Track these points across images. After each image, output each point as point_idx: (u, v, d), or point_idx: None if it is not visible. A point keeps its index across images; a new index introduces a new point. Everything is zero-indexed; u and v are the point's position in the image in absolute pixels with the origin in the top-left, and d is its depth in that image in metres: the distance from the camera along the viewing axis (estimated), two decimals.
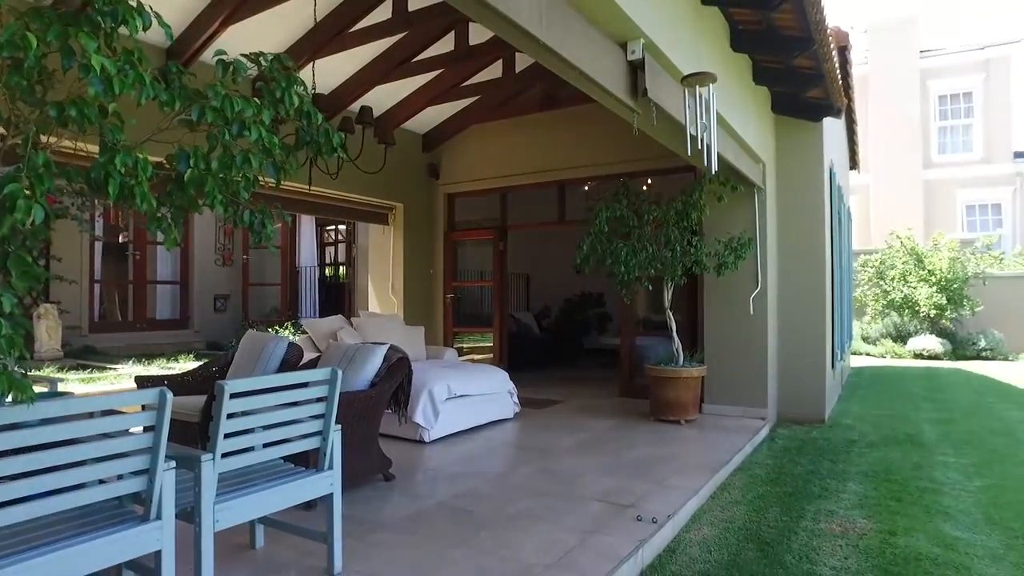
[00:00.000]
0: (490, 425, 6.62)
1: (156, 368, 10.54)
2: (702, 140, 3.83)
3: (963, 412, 8.02)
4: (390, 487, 4.66)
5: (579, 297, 13.35)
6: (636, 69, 3.79)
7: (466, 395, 6.25)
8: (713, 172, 3.79)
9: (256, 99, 2.18)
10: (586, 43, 3.45)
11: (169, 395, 2.23)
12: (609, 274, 6.54)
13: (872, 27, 20.33)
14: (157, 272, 13.82)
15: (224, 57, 2.13)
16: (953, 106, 19.69)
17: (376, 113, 8.40)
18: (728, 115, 5.36)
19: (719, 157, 5.43)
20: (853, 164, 12.83)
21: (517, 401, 7.04)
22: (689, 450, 5.80)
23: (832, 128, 8.22)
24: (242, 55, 2.23)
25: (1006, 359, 13.28)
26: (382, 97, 8.22)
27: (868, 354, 13.99)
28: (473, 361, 9.48)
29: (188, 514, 2.59)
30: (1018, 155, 19.00)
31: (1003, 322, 13.91)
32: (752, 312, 6.85)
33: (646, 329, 8.73)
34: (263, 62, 2.29)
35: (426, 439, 5.85)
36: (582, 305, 13.28)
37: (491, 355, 9.65)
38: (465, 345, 10.35)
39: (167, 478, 2.33)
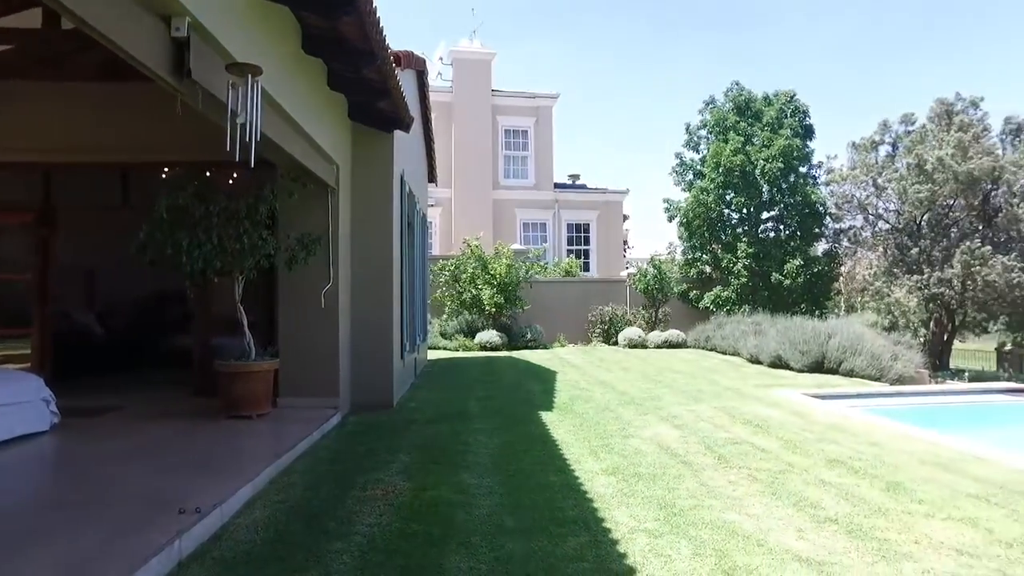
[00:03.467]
0: (16, 440, 5.58)
1: None
2: (250, 130, 3.90)
3: (503, 390, 9.68)
4: None
5: (158, 295, 12.09)
6: (182, 47, 3.68)
7: None
8: (251, 164, 3.86)
9: None
10: (114, 9, 3.22)
11: None
12: (174, 266, 6.14)
13: (456, 61, 23.10)
14: None
15: None
16: (515, 140, 23.63)
17: None
18: (297, 113, 5.55)
19: (287, 154, 5.64)
20: (432, 177, 14.38)
21: (56, 410, 6.08)
22: (255, 442, 5.81)
23: (406, 140, 9.10)
24: None
25: (545, 347, 16.47)
26: None
27: (445, 348, 15.81)
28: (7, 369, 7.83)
29: None
30: (557, 186, 23.80)
31: (544, 318, 17.23)
32: (324, 306, 7.18)
33: (229, 327, 8.40)
34: None
35: None
36: (161, 304, 12.06)
37: (31, 361, 8.12)
38: None
39: None
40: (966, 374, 14.21)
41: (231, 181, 7.63)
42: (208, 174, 7.82)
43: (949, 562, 3.46)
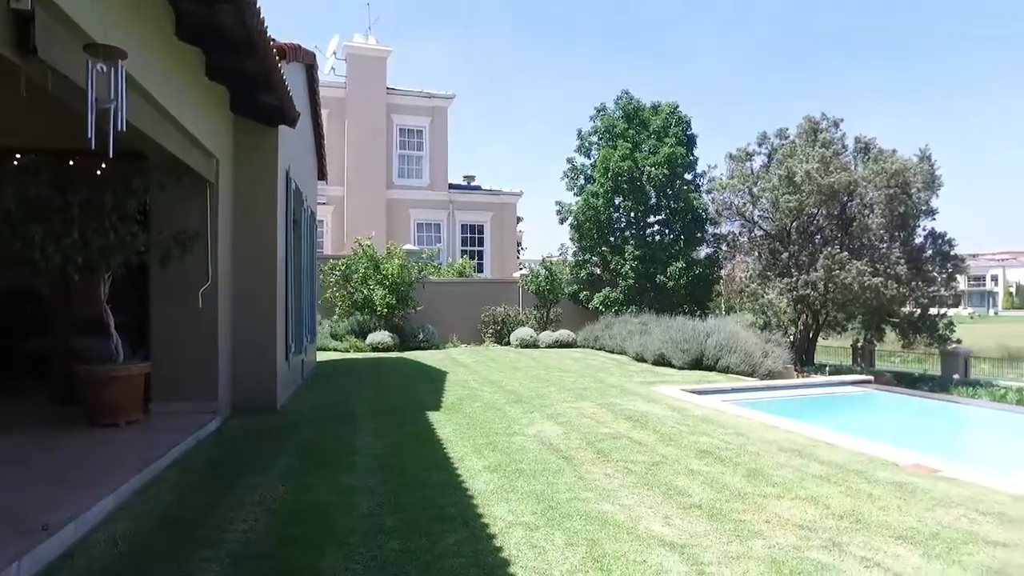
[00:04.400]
0: None
1: None
2: (116, 118, 3.66)
3: (392, 391, 9.61)
4: None
5: (9, 294, 11.05)
6: (26, 21, 3.40)
7: None
8: (110, 153, 3.62)
9: None
10: None
11: None
12: (25, 263, 5.65)
13: (350, 56, 22.58)
14: None
15: None
16: (410, 139, 23.40)
17: None
18: (169, 103, 5.26)
19: (158, 145, 5.35)
20: (322, 175, 14.01)
21: None
22: (122, 451, 5.47)
23: (293, 135, 8.82)
24: None
25: (438, 348, 16.44)
26: None
27: (336, 349, 15.43)
28: None
29: None
30: (451, 186, 23.80)
31: (437, 318, 17.18)
32: (202, 306, 6.84)
33: (94, 329, 7.81)
34: None
35: None
36: (12, 304, 11.02)
37: None
38: None
39: None
40: (827, 368, 15.46)
41: (98, 172, 7.12)
42: (71, 163, 7.27)
43: (792, 536, 3.79)
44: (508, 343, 17.40)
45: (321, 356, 13.80)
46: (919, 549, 3.64)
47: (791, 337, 16.34)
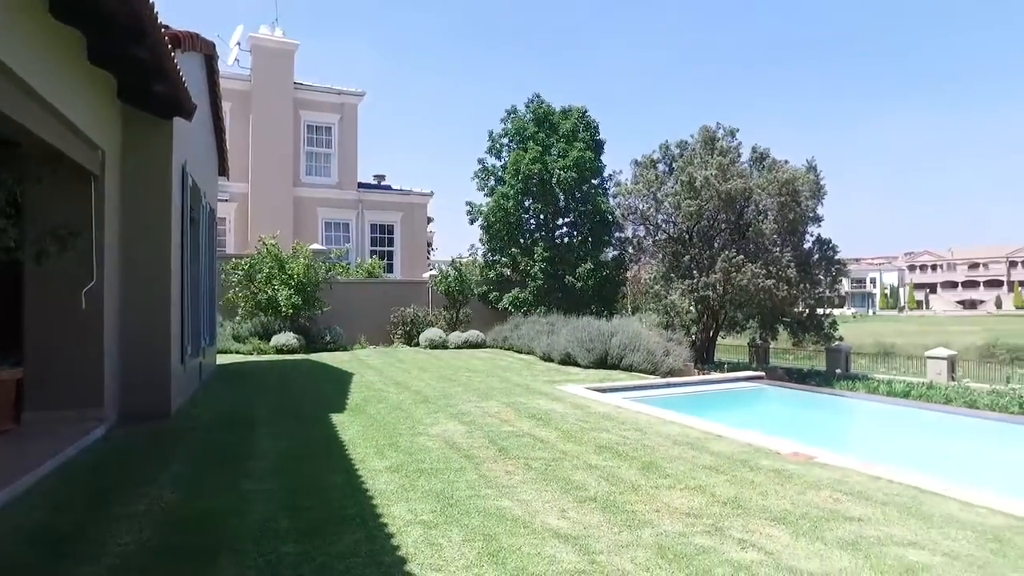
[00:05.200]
0: None
1: None
2: None
3: (295, 393, 9.36)
4: None
5: None
6: None
7: None
8: None
9: None
10: None
11: None
12: None
13: (255, 48, 21.76)
14: None
15: None
16: (318, 136, 22.81)
17: None
18: (43, 87, 4.92)
19: (29, 133, 5.00)
20: (223, 170, 13.45)
21: None
22: None
23: (190, 128, 8.43)
24: None
25: (345, 349, 16.12)
26: None
27: (238, 352, 14.83)
28: None
29: None
30: (361, 186, 23.40)
31: (345, 319, 16.84)
32: (85, 307, 6.44)
33: None
34: None
35: None
36: None
37: None
38: None
39: None
40: (725, 366, 16.27)
41: None
42: None
43: (679, 524, 4.00)
44: (417, 344, 17.29)
45: (223, 359, 13.25)
46: (789, 529, 3.93)
47: (693, 336, 17.09)
